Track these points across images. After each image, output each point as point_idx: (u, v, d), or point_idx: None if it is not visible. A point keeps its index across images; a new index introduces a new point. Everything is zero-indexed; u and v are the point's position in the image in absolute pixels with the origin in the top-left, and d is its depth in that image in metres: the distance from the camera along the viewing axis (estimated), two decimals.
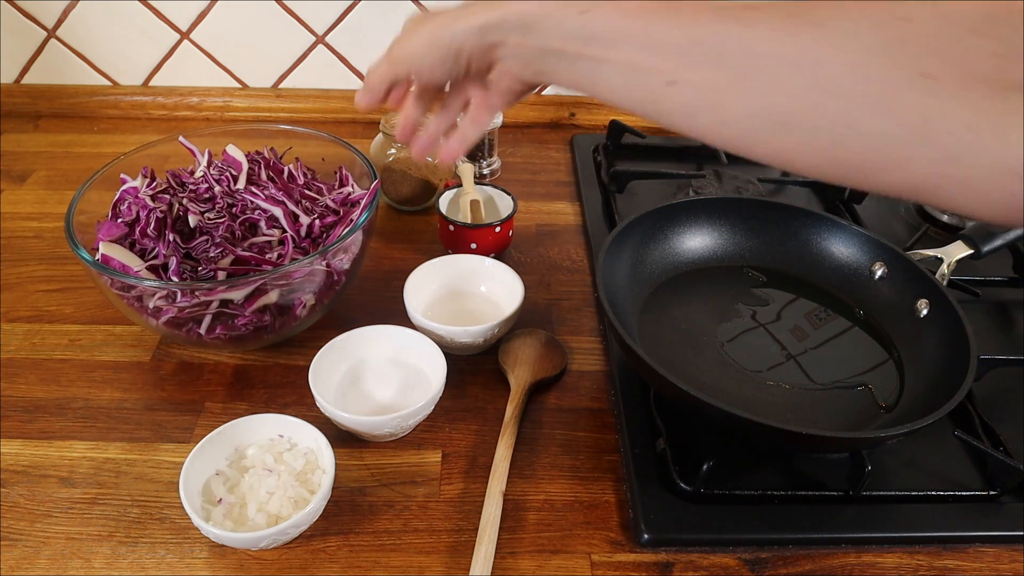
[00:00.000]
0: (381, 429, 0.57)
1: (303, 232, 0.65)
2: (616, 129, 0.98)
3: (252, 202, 0.66)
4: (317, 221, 0.66)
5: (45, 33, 0.99)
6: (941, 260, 0.73)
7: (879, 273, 0.70)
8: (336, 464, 0.53)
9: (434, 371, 0.61)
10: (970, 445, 0.59)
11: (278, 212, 0.65)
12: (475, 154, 0.93)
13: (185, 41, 1.00)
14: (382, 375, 0.63)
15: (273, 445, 0.55)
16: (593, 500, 0.56)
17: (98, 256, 0.60)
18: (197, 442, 0.58)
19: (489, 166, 0.94)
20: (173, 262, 0.61)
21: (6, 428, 0.59)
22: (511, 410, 0.61)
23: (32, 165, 0.92)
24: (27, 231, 0.81)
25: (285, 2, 0.97)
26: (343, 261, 0.64)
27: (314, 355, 0.60)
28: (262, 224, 0.65)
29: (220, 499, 0.51)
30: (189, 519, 0.53)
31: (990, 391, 0.65)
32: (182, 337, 0.62)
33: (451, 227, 0.76)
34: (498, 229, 0.76)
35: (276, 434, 0.55)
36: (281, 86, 1.05)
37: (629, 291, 0.69)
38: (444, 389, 0.60)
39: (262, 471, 0.52)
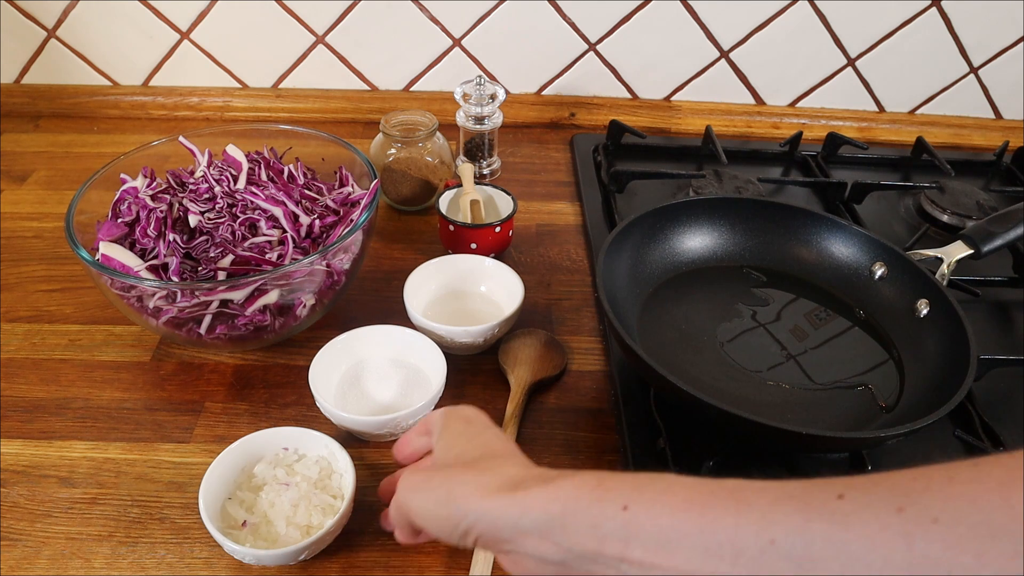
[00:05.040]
0: (381, 429, 0.57)
1: (303, 232, 0.65)
2: (616, 129, 0.98)
3: (252, 202, 0.66)
4: (317, 221, 0.66)
5: (45, 33, 0.99)
6: (941, 260, 0.72)
7: (879, 273, 0.70)
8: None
9: (434, 371, 0.61)
10: (970, 445, 0.59)
11: (278, 212, 0.65)
12: (475, 154, 0.93)
13: (185, 41, 1.00)
14: (382, 375, 0.63)
15: (280, 459, 0.54)
16: None
17: (98, 256, 0.60)
18: (197, 442, 0.59)
19: (489, 166, 0.94)
20: (173, 262, 0.61)
21: (6, 428, 0.59)
22: (511, 410, 0.61)
23: (32, 165, 0.92)
24: (27, 231, 0.81)
25: (285, 2, 0.97)
26: (343, 261, 0.64)
27: (314, 355, 0.60)
28: (262, 224, 0.65)
29: (244, 521, 0.50)
30: (189, 519, 0.53)
31: (990, 391, 0.65)
32: (182, 337, 0.62)
33: (451, 227, 0.76)
34: (498, 229, 0.76)
35: (280, 448, 0.54)
36: (281, 86, 1.05)
37: (629, 291, 0.69)
38: (444, 389, 0.60)
39: (278, 486, 0.51)
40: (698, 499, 0.32)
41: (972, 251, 0.73)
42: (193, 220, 0.64)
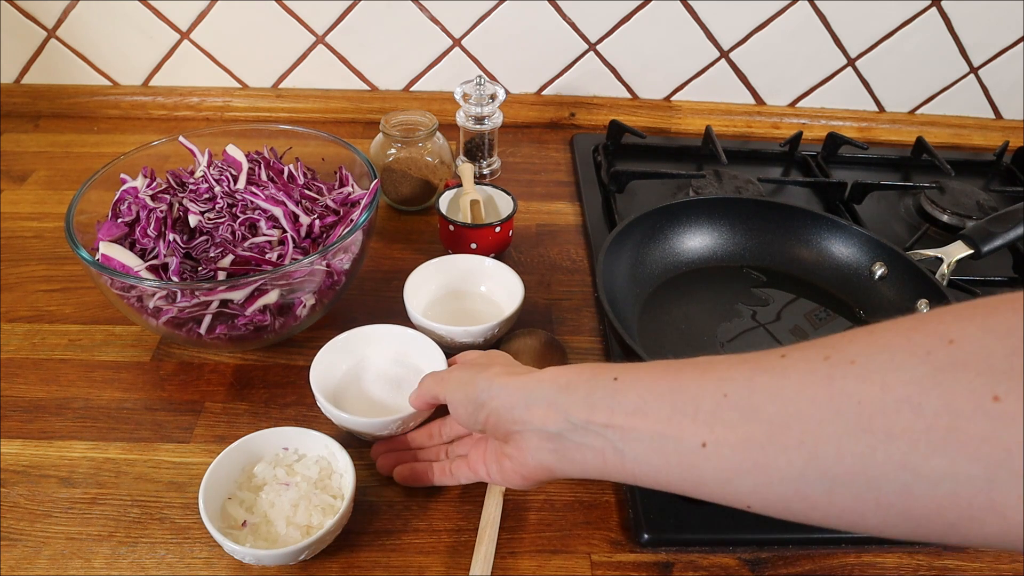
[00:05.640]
0: (382, 431, 0.56)
1: (303, 232, 0.65)
2: (616, 129, 0.98)
3: (252, 202, 0.66)
4: (317, 221, 0.66)
5: (45, 33, 0.99)
6: (941, 260, 0.73)
7: (879, 273, 0.70)
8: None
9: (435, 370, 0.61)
10: None
11: (278, 212, 0.65)
12: (475, 154, 0.93)
13: (185, 41, 1.00)
14: (383, 375, 0.63)
15: (280, 459, 0.54)
16: (593, 500, 0.56)
17: (98, 256, 0.60)
18: (197, 442, 0.59)
19: (489, 166, 0.94)
20: (173, 262, 0.61)
21: (6, 428, 0.59)
22: None
23: (32, 165, 0.92)
24: (27, 231, 0.81)
25: (285, 2, 0.97)
26: (343, 261, 0.64)
27: (314, 355, 0.60)
28: (262, 224, 0.65)
29: (244, 521, 0.50)
30: (189, 519, 0.53)
31: None
32: (182, 337, 0.62)
33: (451, 227, 0.76)
34: (498, 229, 0.76)
35: (280, 448, 0.54)
36: (281, 86, 1.05)
37: (629, 291, 0.69)
38: None
39: (278, 486, 0.51)
40: (672, 368, 0.38)
41: (972, 251, 0.73)
42: (193, 220, 0.64)
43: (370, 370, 0.63)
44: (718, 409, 0.35)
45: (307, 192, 0.70)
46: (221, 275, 0.61)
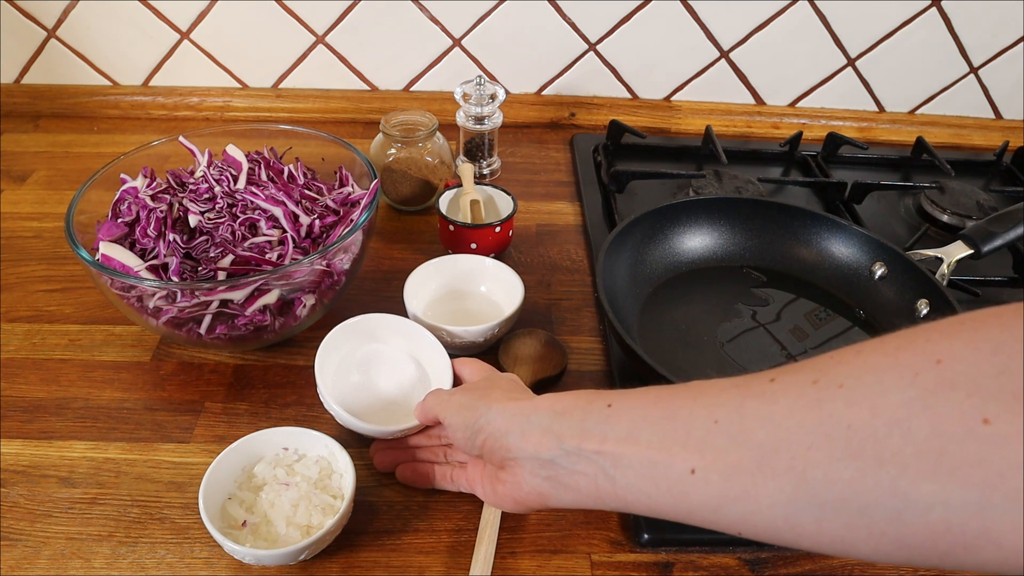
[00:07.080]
0: (385, 436, 0.56)
1: (303, 232, 0.65)
2: (616, 129, 0.98)
3: (252, 202, 0.66)
4: (317, 221, 0.66)
5: (45, 33, 0.99)
6: (941, 260, 0.73)
7: (879, 273, 0.70)
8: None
9: (437, 374, 0.60)
10: None
11: (278, 212, 0.65)
12: (475, 154, 0.93)
13: (185, 41, 1.00)
14: (392, 370, 0.62)
15: (280, 459, 0.54)
16: None
17: (98, 256, 0.60)
18: (197, 442, 0.59)
19: (489, 166, 0.94)
20: (173, 262, 0.61)
21: (6, 428, 0.59)
22: None
23: (32, 165, 0.92)
24: (27, 231, 0.81)
25: (285, 2, 0.97)
26: (343, 261, 0.64)
27: (314, 355, 0.60)
28: (262, 224, 0.65)
29: (244, 521, 0.50)
30: (189, 519, 0.53)
31: None
32: (182, 337, 0.62)
33: (451, 227, 0.76)
34: (498, 229, 0.76)
35: (280, 448, 0.54)
36: (281, 86, 1.05)
37: (629, 291, 0.69)
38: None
39: (278, 486, 0.51)
40: (665, 395, 0.38)
41: (972, 251, 0.73)
42: (193, 220, 0.64)
43: (377, 359, 0.62)
44: (708, 435, 0.35)
45: (307, 192, 0.70)
46: (221, 275, 0.61)
